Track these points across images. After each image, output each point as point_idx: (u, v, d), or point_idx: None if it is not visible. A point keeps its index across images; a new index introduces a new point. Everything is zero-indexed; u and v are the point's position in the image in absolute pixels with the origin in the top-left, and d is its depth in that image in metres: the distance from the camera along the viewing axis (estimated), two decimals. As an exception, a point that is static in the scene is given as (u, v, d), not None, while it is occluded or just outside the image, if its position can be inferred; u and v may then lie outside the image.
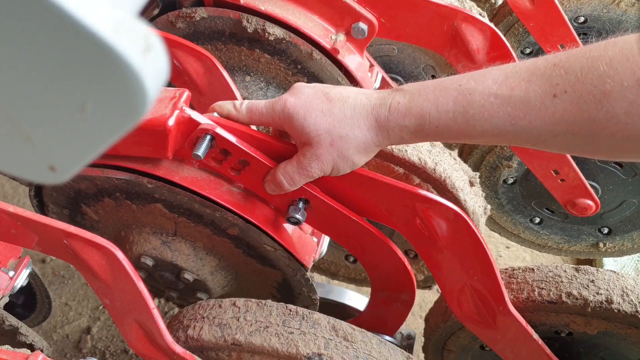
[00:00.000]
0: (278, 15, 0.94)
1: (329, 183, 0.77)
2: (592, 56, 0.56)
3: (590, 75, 0.55)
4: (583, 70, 0.56)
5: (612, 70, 0.54)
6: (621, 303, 0.82)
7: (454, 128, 0.63)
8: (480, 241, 0.76)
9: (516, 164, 1.32)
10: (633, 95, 0.53)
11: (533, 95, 0.58)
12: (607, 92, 0.54)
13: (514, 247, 1.97)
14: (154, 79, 0.23)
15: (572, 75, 0.56)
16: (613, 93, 0.54)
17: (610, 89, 0.54)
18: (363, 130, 0.67)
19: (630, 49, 0.54)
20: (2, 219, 0.71)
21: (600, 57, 0.55)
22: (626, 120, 0.54)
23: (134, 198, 0.84)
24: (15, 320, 1.01)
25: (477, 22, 0.96)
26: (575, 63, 0.57)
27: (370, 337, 0.79)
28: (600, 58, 0.55)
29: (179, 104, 0.72)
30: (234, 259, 0.92)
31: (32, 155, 0.27)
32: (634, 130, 0.55)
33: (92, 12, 0.21)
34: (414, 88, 0.66)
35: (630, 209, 1.37)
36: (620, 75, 0.54)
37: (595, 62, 0.55)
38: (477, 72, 0.63)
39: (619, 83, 0.54)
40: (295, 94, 0.70)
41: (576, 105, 0.56)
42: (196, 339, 0.79)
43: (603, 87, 0.54)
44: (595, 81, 0.55)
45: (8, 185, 1.94)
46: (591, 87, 0.55)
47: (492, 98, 0.60)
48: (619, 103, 0.54)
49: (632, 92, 0.53)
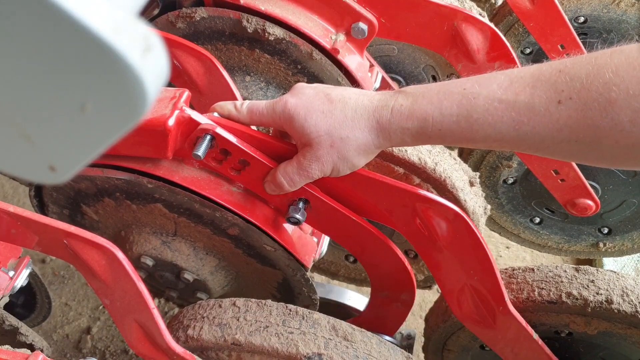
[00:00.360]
0: (278, 15, 0.94)
1: (329, 183, 0.77)
2: (598, 64, 0.56)
3: (595, 82, 0.55)
4: (589, 77, 0.55)
5: (618, 78, 0.54)
6: (621, 303, 0.82)
7: (456, 132, 0.63)
8: (480, 241, 0.76)
9: (516, 164, 1.32)
10: (638, 103, 0.53)
11: (538, 101, 0.58)
12: (612, 100, 0.54)
13: (514, 247, 1.97)
14: (154, 79, 0.24)
15: (577, 82, 0.56)
16: (618, 101, 0.54)
17: (615, 97, 0.54)
18: (364, 132, 0.67)
19: (636, 58, 0.54)
20: (2, 219, 0.71)
21: (606, 64, 0.55)
22: (631, 128, 0.54)
23: (134, 198, 0.84)
24: (15, 320, 1.01)
25: (477, 22, 0.96)
26: (580, 70, 0.56)
27: (370, 337, 0.79)
28: (606, 66, 0.55)
29: (179, 104, 0.72)
30: (234, 259, 0.92)
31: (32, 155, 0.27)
32: (638, 138, 0.54)
33: (92, 12, 0.21)
34: (417, 90, 0.65)
35: (630, 209, 1.37)
36: (626, 83, 0.53)
37: (601, 70, 0.55)
38: (481, 76, 0.63)
39: (624, 91, 0.53)
40: (296, 95, 0.70)
41: (581, 112, 0.56)
42: (196, 339, 0.79)
43: (608, 94, 0.54)
44: (600, 89, 0.54)
45: (8, 185, 1.94)
46: (596, 94, 0.55)
47: (496, 103, 0.60)
48: (624, 111, 0.54)
49: (638, 101, 0.53)
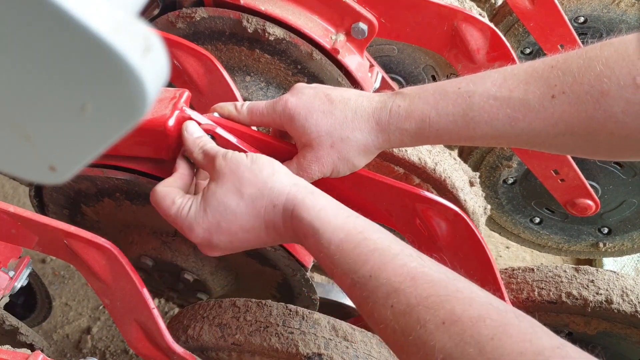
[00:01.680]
0: (278, 15, 0.94)
1: (328, 183, 0.76)
2: (589, 57, 0.56)
3: (587, 75, 0.56)
4: (580, 70, 0.56)
5: (609, 70, 0.55)
6: (621, 303, 0.82)
7: (454, 131, 0.64)
8: (480, 241, 0.76)
9: (516, 164, 1.32)
10: (629, 94, 0.54)
11: (532, 97, 0.59)
12: (604, 91, 0.55)
13: (514, 247, 1.97)
14: (154, 79, 0.23)
15: (569, 76, 0.57)
16: (610, 92, 0.55)
17: (607, 89, 0.55)
18: (364, 133, 0.67)
19: (625, 49, 0.55)
20: (2, 219, 0.71)
21: (596, 57, 0.56)
22: (624, 119, 0.55)
23: (134, 198, 0.84)
24: (15, 320, 1.01)
25: (477, 22, 0.96)
26: (572, 64, 0.57)
27: (370, 337, 0.79)
28: (597, 58, 0.56)
29: (179, 104, 0.72)
30: (234, 259, 0.92)
31: (32, 155, 0.27)
32: (632, 128, 0.55)
33: (92, 12, 0.21)
34: (414, 91, 0.66)
35: (630, 209, 1.37)
36: (616, 74, 0.54)
37: (592, 63, 0.56)
38: (476, 74, 0.64)
39: (615, 82, 0.54)
40: (296, 95, 0.70)
41: (574, 105, 0.57)
42: (196, 339, 0.79)
43: (600, 87, 0.55)
44: (592, 81, 0.55)
45: (8, 185, 1.94)
46: (588, 87, 0.56)
47: (491, 100, 0.61)
48: (616, 102, 0.55)
49: (629, 91, 0.54)
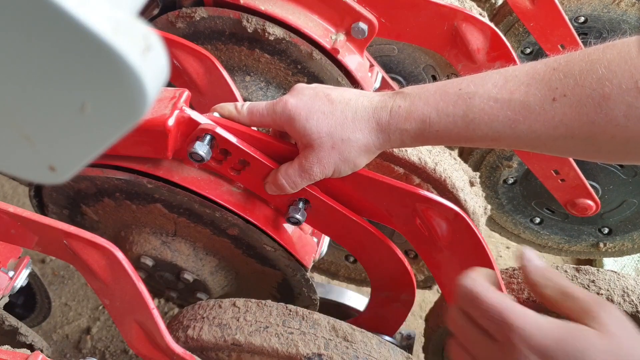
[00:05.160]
0: (278, 15, 0.94)
1: (329, 183, 0.76)
2: (591, 59, 0.56)
3: (589, 78, 0.55)
4: (582, 73, 0.56)
5: (611, 73, 0.54)
6: (622, 303, 0.82)
7: (454, 132, 0.63)
8: (480, 241, 0.75)
9: (516, 164, 1.32)
10: (631, 97, 0.53)
11: (532, 99, 0.58)
12: (606, 95, 0.54)
13: (514, 247, 1.96)
14: (153, 79, 0.23)
15: (570, 79, 0.56)
16: (612, 96, 0.54)
17: (609, 92, 0.54)
18: (364, 133, 0.67)
19: (628, 52, 0.54)
20: (2, 219, 0.71)
21: (598, 60, 0.55)
22: (625, 123, 0.54)
23: (134, 198, 0.84)
24: (15, 321, 1.01)
25: (477, 22, 0.96)
26: (574, 66, 0.56)
27: (370, 337, 0.79)
28: (599, 61, 0.55)
29: (179, 104, 0.72)
30: (234, 259, 0.91)
31: (32, 155, 0.27)
32: (633, 132, 0.55)
33: (92, 12, 0.21)
34: (414, 91, 0.65)
35: (630, 209, 1.37)
36: (618, 78, 0.53)
37: (594, 65, 0.55)
38: (477, 75, 0.63)
39: (617, 86, 0.53)
40: (296, 95, 0.69)
41: (575, 108, 0.56)
42: (196, 339, 0.79)
43: (602, 90, 0.54)
44: (594, 84, 0.55)
45: (8, 185, 1.94)
46: (590, 90, 0.55)
47: (492, 102, 0.60)
48: (618, 106, 0.54)
49: (631, 95, 0.53)
